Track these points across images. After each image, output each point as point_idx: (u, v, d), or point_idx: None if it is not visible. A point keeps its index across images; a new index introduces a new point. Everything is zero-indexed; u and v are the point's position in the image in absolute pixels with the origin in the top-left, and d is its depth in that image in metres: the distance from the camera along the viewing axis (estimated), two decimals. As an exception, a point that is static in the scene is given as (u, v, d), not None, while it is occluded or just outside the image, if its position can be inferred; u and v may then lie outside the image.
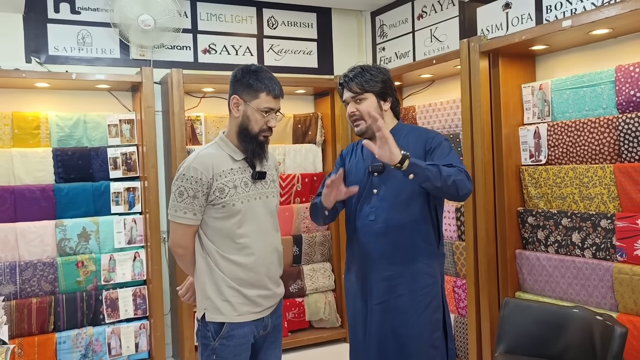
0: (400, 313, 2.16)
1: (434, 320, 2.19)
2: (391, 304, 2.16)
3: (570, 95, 2.89)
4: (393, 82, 2.27)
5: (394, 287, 2.16)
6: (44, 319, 3.44)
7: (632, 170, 2.57)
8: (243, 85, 1.98)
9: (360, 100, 2.17)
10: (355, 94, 2.17)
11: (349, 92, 2.19)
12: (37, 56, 3.72)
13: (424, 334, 2.16)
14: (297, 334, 4.17)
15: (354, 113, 2.18)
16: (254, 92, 1.96)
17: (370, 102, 2.17)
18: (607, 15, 2.45)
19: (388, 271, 2.17)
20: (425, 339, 2.15)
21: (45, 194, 3.52)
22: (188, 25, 4.15)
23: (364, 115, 2.16)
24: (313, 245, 4.27)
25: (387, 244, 2.16)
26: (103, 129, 3.73)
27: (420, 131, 2.27)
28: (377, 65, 2.25)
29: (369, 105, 2.16)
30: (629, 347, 2.48)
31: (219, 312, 1.96)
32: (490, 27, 3.58)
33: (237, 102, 1.99)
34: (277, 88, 1.99)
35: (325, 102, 4.40)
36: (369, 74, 2.17)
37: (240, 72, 2.01)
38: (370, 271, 2.20)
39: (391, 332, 2.16)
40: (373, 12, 4.70)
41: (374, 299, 2.19)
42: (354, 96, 2.18)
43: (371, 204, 2.19)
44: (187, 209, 1.93)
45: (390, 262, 2.16)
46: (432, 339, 2.17)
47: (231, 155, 2.00)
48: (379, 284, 2.18)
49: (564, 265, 2.87)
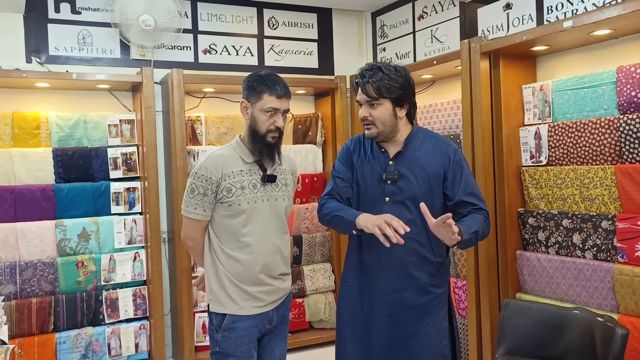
0: (411, 324, 2.11)
1: (442, 329, 2.16)
2: (402, 316, 2.11)
3: (571, 96, 2.88)
4: (413, 84, 2.14)
5: (404, 300, 2.11)
6: (44, 319, 3.44)
7: (633, 171, 2.56)
8: (249, 89, 2.10)
9: (375, 106, 2.08)
10: (370, 98, 2.07)
11: (365, 95, 2.09)
12: (38, 56, 3.71)
13: (434, 344, 2.13)
14: (298, 334, 4.17)
15: (367, 117, 2.09)
16: (258, 94, 2.07)
17: (385, 108, 2.07)
18: (608, 15, 2.44)
19: (399, 282, 2.11)
20: (435, 349, 2.13)
21: (45, 194, 3.52)
22: (189, 25, 4.15)
23: (376, 122, 2.09)
24: (313, 246, 4.27)
25: (398, 254, 2.08)
26: (103, 129, 3.73)
27: (439, 142, 2.16)
28: (397, 66, 2.10)
29: (384, 112, 2.07)
30: (629, 348, 2.48)
31: (221, 304, 2.08)
32: (491, 28, 3.57)
33: (245, 105, 2.12)
34: (279, 88, 2.06)
35: (325, 103, 4.39)
36: (387, 78, 2.04)
37: (248, 77, 2.13)
38: (379, 282, 2.13)
39: (401, 343, 2.12)
40: (374, 12, 4.70)
41: (383, 309, 2.12)
42: (369, 100, 2.08)
43: (383, 212, 2.06)
44: (198, 205, 2.06)
45: (401, 272, 2.11)
46: (441, 347, 2.15)
47: (242, 158, 2.10)
48: (388, 295, 2.12)
49: (564, 267, 2.87)
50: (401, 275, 2.11)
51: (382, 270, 2.13)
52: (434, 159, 2.12)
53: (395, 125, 2.12)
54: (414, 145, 2.14)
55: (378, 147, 2.19)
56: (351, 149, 2.26)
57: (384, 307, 2.13)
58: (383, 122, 2.09)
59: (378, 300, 2.14)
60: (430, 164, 2.11)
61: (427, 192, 2.10)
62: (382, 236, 1.89)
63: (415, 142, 2.14)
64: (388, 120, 2.09)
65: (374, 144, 2.21)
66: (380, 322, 2.13)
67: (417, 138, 2.16)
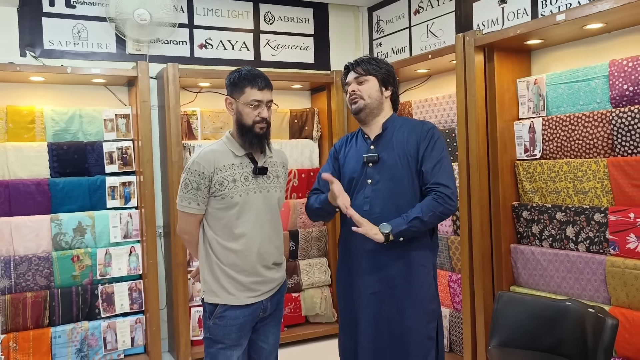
0: (396, 303, 2.18)
1: (430, 311, 2.22)
2: (387, 294, 2.19)
3: (565, 90, 2.89)
4: (396, 78, 2.35)
5: (389, 277, 2.18)
6: (39, 314, 3.44)
7: (625, 164, 2.57)
8: (232, 86, 2.17)
9: (362, 82, 2.25)
10: (358, 74, 2.26)
11: (353, 73, 2.28)
12: (32, 50, 3.71)
13: (421, 324, 2.18)
14: (294, 329, 4.18)
15: (355, 92, 2.26)
16: (240, 89, 2.14)
17: (372, 84, 2.25)
18: (600, 9, 2.45)
19: (382, 261, 2.19)
20: (422, 329, 2.18)
21: (40, 188, 3.52)
22: (184, 20, 4.15)
23: (363, 95, 2.24)
24: (309, 241, 4.28)
25: None
26: (99, 123, 3.73)
27: (415, 122, 2.29)
28: (385, 60, 2.35)
29: (371, 87, 2.25)
30: (620, 339, 2.50)
31: (215, 295, 2.14)
32: (486, 22, 3.58)
33: (230, 101, 2.19)
34: (260, 81, 2.13)
35: (321, 97, 4.40)
36: (374, 62, 2.28)
37: (229, 75, 2.20)
38: (364, 261, 2.22)
39: (387, 322, 2.18)
40: (370, 7, 4.70)
41: (368, 288, 2.21)
42: (357, 77, 2.26)
43: (365, 194, 2.22)
44: (192, 199, 2.12)
45: (385, 252, 2.18)
46: (428, 329, 2.20)
47: (233, 152, 2.16)
48: (372, 274, 2.20)
49: (558, 259, 2.88)
50: (385, 254, 2.18)
51: (367, 249, 2.20)
52: (410, 138, 2.23)
53: (381, 102, 2.28)
54: (393, 128, 2.28)
55: (362, 135, 2.33)
56: (338, 147, 2.43)
57: (370, 286, 2.20)
58: (369, 95, 2.25)
59: (365, 279, 2.22)
60: (407, 144, 2.22)
61: (407, 172, 2.19)
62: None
63: (394, 126, 2.28)
64: (374, 94, 2.26)
65: (359, 135, 2.35)
66: (367, 302, 2.21)
67: (396, 122, 2.30)
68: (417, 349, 2.16)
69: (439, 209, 2.10)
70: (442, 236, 3.58)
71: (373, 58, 2.29)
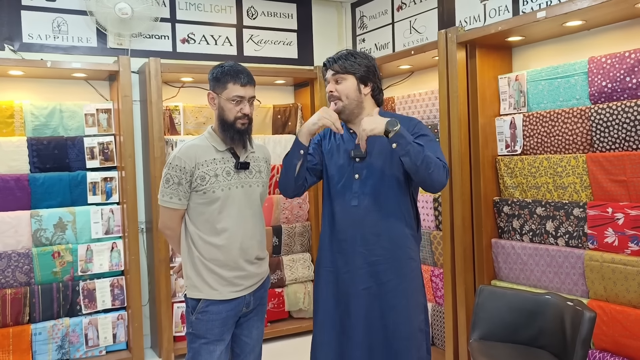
0: (389, 298, 2.16)
1: (419, 304, 2.22)
2: (378, 290, 2.16)
3: (545, 86, 2.93)
4: (378, 70, 2.27)
5: (380, 273, 2.16)
6: (18, 310, 3.40)
7: (603, 159, 2.62)
8: (214, 81, 2.16)
9: (339, 81, 2.19)
10: (335, 72, 2.20)
11: (331, 70, 2.22)
12: (11, 44, 3.65)
13: (412, 318, 2.18)
14: (277, 324, 4.19)
15: (332, 93, 2.21)
16: (223, 84, 2.13)
17: (349, 83, 2.19)
18: (579, 6, 2.49)
19: (373, 256, 2.17)
20: (413, 322, 2.18)
21: (19, 183, 3.47)
22: (167, 14, 4.11)
23: (341, 96, 2.19)
24: (293, 236, 4.28)
25: (371, 228, 2.16)
26: (80, 118, 3.69)
27: (402, 117, 2.25)
28: (365, 53, 2.27)
29: (348, 86, 2.18)
30: (599, 331, 2.55)
31: (198, 290, 2.14)
32: (468, 19, 3.61)
33: (212, 96, 2.18)
34: (243, 77, 2.13)
35: (305, 93, 4.40)
36: (353, 58, 2.20)
37: (212, 70, 2.19)
38: (353, 257, 2.19)
39: (380, 318, 2.16)
40: (353, 3, 4.71)
41: (359, 284, 2.17)
42: (334, 74, 2.20)
43: (353, 190, 2.19)
44: (173, 194, 2.12)
45: (375, 247, 2.16)
46: (419, 322, 2.21)
47: (215, 146, 2.16)
48: (363, 269, 2.17)
49: (538, 254, 2.92)
50: (375, 249, 2.17)
51: (356, 245, 2.18)
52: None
53: (360, 101, 2.21)
54: None
55: (347, 129, 2.27)
56: (321, 135, 2.38)
57: (360, 281, 2.18)
58: (347, 95, 2.19)
59: (354, 275, 2.19)
60: None
61: (395, 166, 2.16)
62: (333, 126, 2.12)
63: None
64: (352, 94, 2.20)
65: (344, 130, 2.28)
66: (357, 297, 2.18)
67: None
68: (410, 342, 2.16)
69: (437, 166, 2.02)
70: (424, 231, 3.61)
71: (352, 53, 2.22)
